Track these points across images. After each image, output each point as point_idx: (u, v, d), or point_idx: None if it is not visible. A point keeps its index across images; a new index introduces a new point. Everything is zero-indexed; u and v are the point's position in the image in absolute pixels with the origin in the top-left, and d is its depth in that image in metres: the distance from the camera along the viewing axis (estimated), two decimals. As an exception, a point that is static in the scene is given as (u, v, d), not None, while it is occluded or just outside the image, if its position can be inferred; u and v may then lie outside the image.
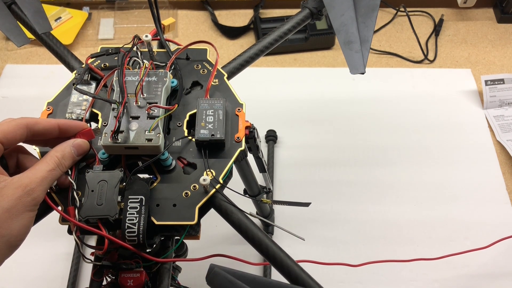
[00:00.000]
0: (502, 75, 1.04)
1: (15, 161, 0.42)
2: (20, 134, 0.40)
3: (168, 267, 0.49)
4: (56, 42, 0.58)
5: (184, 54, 0.54)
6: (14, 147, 0.42)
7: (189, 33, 1.17)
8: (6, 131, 0.39)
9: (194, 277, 0.55)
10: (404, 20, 1.19)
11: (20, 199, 0.36)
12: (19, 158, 0.42)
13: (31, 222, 0.38)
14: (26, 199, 0.37)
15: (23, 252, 0.81)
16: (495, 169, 0.94)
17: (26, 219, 0.37)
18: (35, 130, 0.41)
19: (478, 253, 0.76)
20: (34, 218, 0.38)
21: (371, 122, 1.01)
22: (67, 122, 0.43)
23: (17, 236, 0.37)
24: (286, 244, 0.56)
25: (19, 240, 0.37)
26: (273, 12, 1.21)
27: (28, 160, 0.42)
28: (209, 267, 0.42)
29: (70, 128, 0.43)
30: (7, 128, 0.39)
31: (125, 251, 0.46)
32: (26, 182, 0.37)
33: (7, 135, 0.39)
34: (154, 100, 0.46)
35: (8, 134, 0.39)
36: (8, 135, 0.39)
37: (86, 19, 1.16)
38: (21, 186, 0.37)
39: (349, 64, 0.54)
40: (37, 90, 1.04)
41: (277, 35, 0.59)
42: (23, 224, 0.37)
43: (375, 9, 0.57)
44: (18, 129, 0.40)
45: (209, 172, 0.45)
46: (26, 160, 0.42)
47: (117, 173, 0.43)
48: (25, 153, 0.43)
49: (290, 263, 0.45)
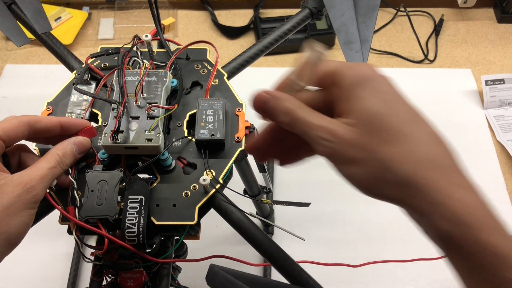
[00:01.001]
0: (502, 75, 1.04)
1: (17, 160, 0.42)
2: (22, 132, 0.40)
3: (168, 267, 0.49)
4: (56, 42, 0.58)
5: (184, 54, 0.54)
6: (17, 145, 0.42)
7: (189, 33, 1.17)
8: (8, 128, 0.39)
9: (194, 277, 0.55)
10: (404, 20, 1.19)
11: (20, 197, 0.36)
12: (21, 157, 0.43)
13: (31, 220, 0.38)
14: (26, 197, 0.37)
15: (23, 252, 0.81)
16: (495, 169, 0.94)
17: (25, 217, 0.37)
18: (37, 127, 0.41)
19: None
20: (34, 216, 0.38)
21: (371, 122, 1.01)
22: (69, 120, 0.43)
23: (16, 233, 0.37)
24: (286, 244, 0.56)
25: (19, 237, 0.37)
26: (273, 12, 1.20)
27: (30, 159, 0.43)
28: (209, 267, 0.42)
29: (71, 126, 0.43)
30: (8, 125, 0.39)
31: (125, 251, 0.46)
32: (26, 180, 0.37)
33: (8, 133, 0.39)
34: (154, 100, 0.46)
35: (10, 131, 0.39)
36: (10, 132, 0.39)
37: (86, 19, 1.16)
38: (21, 184, 0.37)
39: (349, 64, 0.54)
40: (37, 90, 1.04)
41: (277, 35, 0.59)
42: (23, 221, 0.37)
43: (375, 9, 0.57)
44: (20, 127, 0.40)
45: (209, 172, 0.45)
46: (28, 158, 0.43)
47: (117, 173, 0.43)
48: (27, 151, 0.43)
49: (290, 263, 0.45)
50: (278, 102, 0.31)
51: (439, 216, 0.27)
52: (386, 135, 0.28)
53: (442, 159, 0.28)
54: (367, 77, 0.30)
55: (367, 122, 0.29)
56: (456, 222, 0.26)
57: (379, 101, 0.29)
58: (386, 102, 0.29)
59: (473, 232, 0.26)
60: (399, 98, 0.30)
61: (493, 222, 0.27)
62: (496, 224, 0.27)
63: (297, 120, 0.30)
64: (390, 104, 0.29)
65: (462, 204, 0.26)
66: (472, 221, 0.26)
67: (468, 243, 0.26)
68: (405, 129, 0.28)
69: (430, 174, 0.27)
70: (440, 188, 0.27)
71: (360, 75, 0.30)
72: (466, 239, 0.26)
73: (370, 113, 0.29)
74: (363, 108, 0.29)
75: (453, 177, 0.28)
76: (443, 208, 0.27)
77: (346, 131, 0.29)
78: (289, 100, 0.31)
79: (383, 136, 0.28)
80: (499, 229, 0.26)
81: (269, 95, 0.32)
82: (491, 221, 0.26)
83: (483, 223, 0.26)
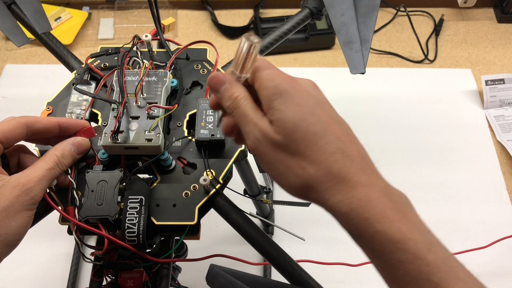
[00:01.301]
0: (503, 75, 1.04)
1: (16, 161, 0.42)
2: (20, 133, 0.40)
3: (168, 268, 0.49)
4: (56, 42, 0.58)
5: (184, 54, 0.54)
6: (15, 146, 0.42)
7: (189, 33, 1.17)
8: (5, 130, 0.39)
9: (194, 277, 0.55)
10: (404, 20, 1.19)
11: (17, 198, 0.36)
12: (20, 158, 0.42)
13: (29, 221, 0.38)
14: (23, 198, 0.37)
15: (23, 252, 0.81)
16: (495, 169, 0.94)
17: (23, 218, 0.37)
18: (35, 128, 0.41)
19: (478, 253, 0.76)
20: (32, 217, 0.38)
21: (371, 122, 1.01)
22: (67, 121, 0.43)
23: (14, 235, 0.37)
24: (286, 244, 0.55)
25: (17, 239, 0.37)
26: (273, 12, 1.20)
27: (29, 160, 0.42)
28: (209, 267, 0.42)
29: (70, 126, 0.43)
30: (6, 127, 0.39)
31: (125, 251, 0.46)
32: (24, 181, 0.37)
33: (6, 134, 0.39)
34: (154, 100, 0.46)
35: (7, 133, 0.39)
36: (7, 133, 0.39)
37: (86, 19, 1.16)
38: (19, 185, 0.37)
39: (349, 64, 0.54)
40: (37, 90, 1.04)
41: (277, 35, 0.59)
42: (21, 223, 0.37)
43: (375, 9, 0.57)
44: (18, 128, 0.40)
45: (209, 172, 0.45)
46: (27, 159, 0.42)
47: (117, 173, 0.43)
48: (27, 152, 0.43)
49: (290, 263, 0.45)
50: (229, 88, 0.35)
51: (340, 214, 0.32)
52: (300, 146, 0.32)
53: (347, 168, 0.32)
54: (284, 90, 0.33)
55: (285, 133, 0.32)
56: (356, 217, 0.31)
57: (295, 114, 0.32)
58: (301, 115, 0.32)
59: (370, 223, 0.31)
60: (314, 110, 0.33)
61: (392, 214, 0.31)
62: (393, 215, 0.30)
63: (239, 110, 0.34)
64: (305, 117, 0.33)
65: (361, 201, 0.31)
66: (370, 215, 0.31)
67: (366, 233, 0.31)
68: (315, 140, 0.32)
69: (330, 184, 0.32)
70: (341, 198, 0.32)
71: (278, 88, 0.33)
72: (364, 230, 0.31)
73: (288, 125, 0.32)
74: (282, 119, 0.33)
75: (356, 180, 0.32)
76: (340, 208, 0.32)
77: (272, 136, 0.33)
78: (238, 89, 0.35)
79: (297, 147, 0.32)
80: (396, 219, 0.30)
81: (225, 79, 0.35)
82: (390, 213, 0.31)
83: (379, 216, 0.30)
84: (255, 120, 0.34)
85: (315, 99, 0.34)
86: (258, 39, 0.33)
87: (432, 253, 0.30)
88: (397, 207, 0.31)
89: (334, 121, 0.33)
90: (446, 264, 0.30)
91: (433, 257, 0.29)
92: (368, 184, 0.31)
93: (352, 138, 0.34)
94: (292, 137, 0.32)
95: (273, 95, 0.33)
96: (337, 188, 0.32)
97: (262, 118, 0.34)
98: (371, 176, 0.32)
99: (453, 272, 0.29)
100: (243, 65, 0.34)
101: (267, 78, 0.34)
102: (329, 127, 0.33)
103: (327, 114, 0.33)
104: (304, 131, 0.32)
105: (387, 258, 0.31)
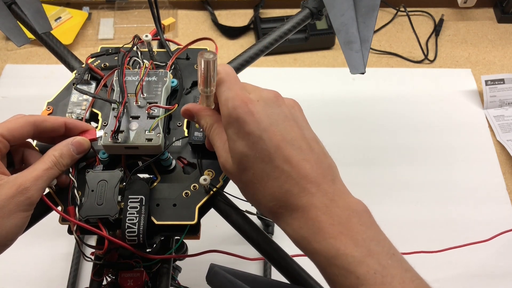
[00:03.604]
0: (502, 75, 1.04)
1: (20, 157, 0.42)
2: (27, 132, 0.40)
3: (168, 267, 0.49)
4: (56, 42, 0.58)
5: (184, 54, 0.54)
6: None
7: (189, 33, 1.17)
8: (13, 128, 0.39)
9: (194, 277, 0.55)
10: (404, 20, 1.19)
11: (12, 199, 0.36)
12: (24, 154, 0.42)
13: (24, 222, 0.37)
14: (19, 199, 0.36)
15: (23, 252, 0.81)
16: (495, 169, 0.94)
17: (18, 219, 0.36)
18: (42, 127, 0.41)
19: (478, 253, 0.76)
20: (28, 219, 0.38)
21: (371, 122, 1.01)
22: (73, 121, 0.44)
23: (6, 236, 0.36)
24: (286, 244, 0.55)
25: (9, 240, 0.37)
26: (273, 12, 1.20)
27: (33, 156, 0.42)
28: (209, 267, 0.42)
29: (75, 127, 0.44)
30: (14, 125, 0.39)
31: (125, 251, 0.46)
32: (20, 181, 0.37)
33: (13, 132, 0.39)
34: (154, 100, 0.46)
35: (15, 131, 0.39)
36: (15, 132, 0.39)
37: (86, 19, 1.16)
38: (15, 185, 0.36)
39: (349, 64, 0.54)
40: (37, 90, 1.04)
41: (277, 35, 0.59)
42: (15, 224, 0.36)
43: (375, 9, 0.57)
44: (25, 127, 0.40)
45: (209, 172, 0.45)
46: (30, 156, 0.42)
47: (117, 173, 0.43)
48: (31, 148, 0.43)
49: (290, 263, 0.45)
50: (198, 119, 0.40)
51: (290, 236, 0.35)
52: (248, 175, 0.35)
53: (291, 190, 0.34)
54: (236, 118, 0.35)
55: (238, 163, 0.35)
56: (298, 237, 0.34)
57: (245, 144, 0.34)
58: (251, 145, 0.34)
59: (308, 242, 0.33)
60: (264, 134, 0.34)
61: (330, 230, 0.32)
62: (331, 231, 0.32)
63: (209, 137, 0.40)
64: (254, 146, 0.34)
65: (301, 222, 0.33)
66: (308, 234, 0.33)
67: (306, 251, 0.34)
68: (262, 167, 0.34)
69: (282, 211, 0.34)
70: (289, 221, 0.34)
71: (231, 116, 0.35)
72: (305, 248, 0.34)
73: (238, 156, 0.35)
74: (233, 149, 0.35)
75: (296, 204, 0.34)
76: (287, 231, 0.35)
77: (229, 168, 0.37)
78: (205, 119, 0.40)
79: (247, 177, 0.35)
80: (333, 235, 0.32)
81: (193, 111, 0.40)
82: (328, 230, 0.32)
83: (316, 234, 0.33)
84: (219, 149, 0.38)
85: (269, 119, 0.35)
86: (213, 55, 0.34)
87: (364, 266, 0.31)
88: (336, 222, 0.33)
89: (285, 141, 0.34)
90: (379, 275, 0.31)
91: (364, 270, 0.31)
92: (307, 205, 0.33)
93: (305, 154, 0.35)
94: (244, 166, 0.35)
95: (227, 124, 0.36)
96: (286, 213, 0.34)
97: (224, 146, 0.37)
98: (314, 194, 0.33)
99: (385, 284, 0.30)
100: (206, 82, 0.36)
101: (223, 103, 0.36)
102: (278, 151, 0.34)
103: (278, 134, 0.34)
104: (252, 160, 0.34)
105: (325, 273, 0.33)
